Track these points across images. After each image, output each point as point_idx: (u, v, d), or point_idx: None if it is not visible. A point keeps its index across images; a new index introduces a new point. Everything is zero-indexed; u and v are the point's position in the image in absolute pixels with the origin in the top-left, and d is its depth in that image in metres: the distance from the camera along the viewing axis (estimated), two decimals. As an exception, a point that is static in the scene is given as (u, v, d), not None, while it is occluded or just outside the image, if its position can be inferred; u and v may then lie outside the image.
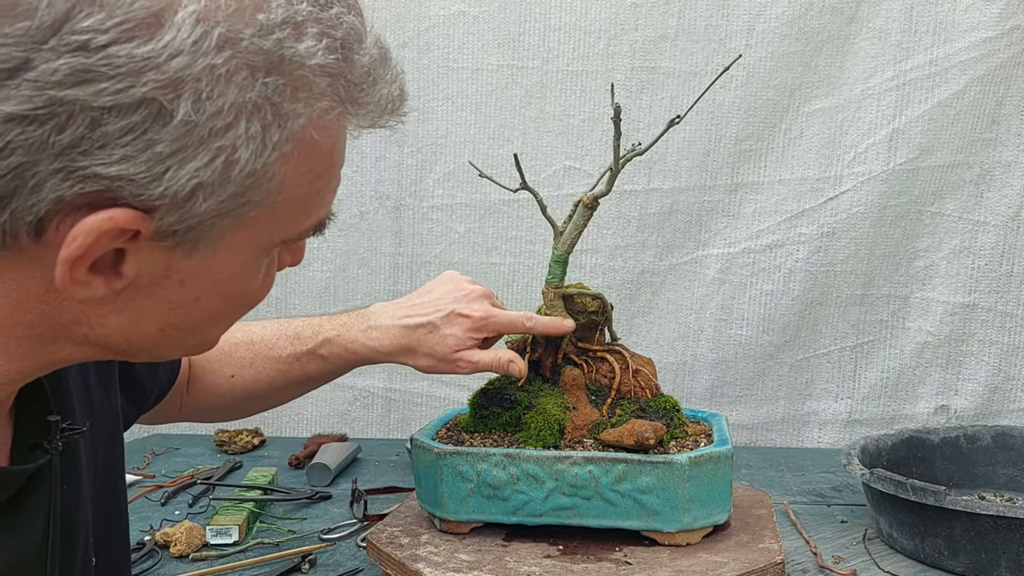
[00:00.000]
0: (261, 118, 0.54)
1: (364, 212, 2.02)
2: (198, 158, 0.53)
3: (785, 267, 1.95)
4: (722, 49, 1.91)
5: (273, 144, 0.55)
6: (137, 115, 0.51)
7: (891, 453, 1.51)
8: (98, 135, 0.51)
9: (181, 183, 0.53)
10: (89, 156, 0.51)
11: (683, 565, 1.04)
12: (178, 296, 0.59)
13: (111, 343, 0.61)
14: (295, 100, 0.56)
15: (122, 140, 0.51)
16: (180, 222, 0.55)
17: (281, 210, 0.59)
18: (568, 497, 1.09)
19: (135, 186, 0.52)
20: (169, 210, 0.54)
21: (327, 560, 1.31)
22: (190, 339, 0.66)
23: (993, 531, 1.19)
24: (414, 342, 1.14)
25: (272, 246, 0.63)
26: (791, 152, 1.94)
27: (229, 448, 1.88)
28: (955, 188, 1.91)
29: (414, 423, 2.01)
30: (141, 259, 0.56)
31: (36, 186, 0.51)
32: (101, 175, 0.51)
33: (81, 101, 0.50)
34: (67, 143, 0.50)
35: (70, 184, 0.51)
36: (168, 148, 0.52)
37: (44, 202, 0.52)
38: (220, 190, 0.55)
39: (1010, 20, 1.83)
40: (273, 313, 2.04)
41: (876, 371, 1.97)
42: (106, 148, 0.51)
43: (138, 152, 0.51)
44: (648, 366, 1.24)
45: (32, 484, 0.67)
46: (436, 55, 1.97)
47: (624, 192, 1.94)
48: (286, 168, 0.57)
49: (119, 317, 0.59)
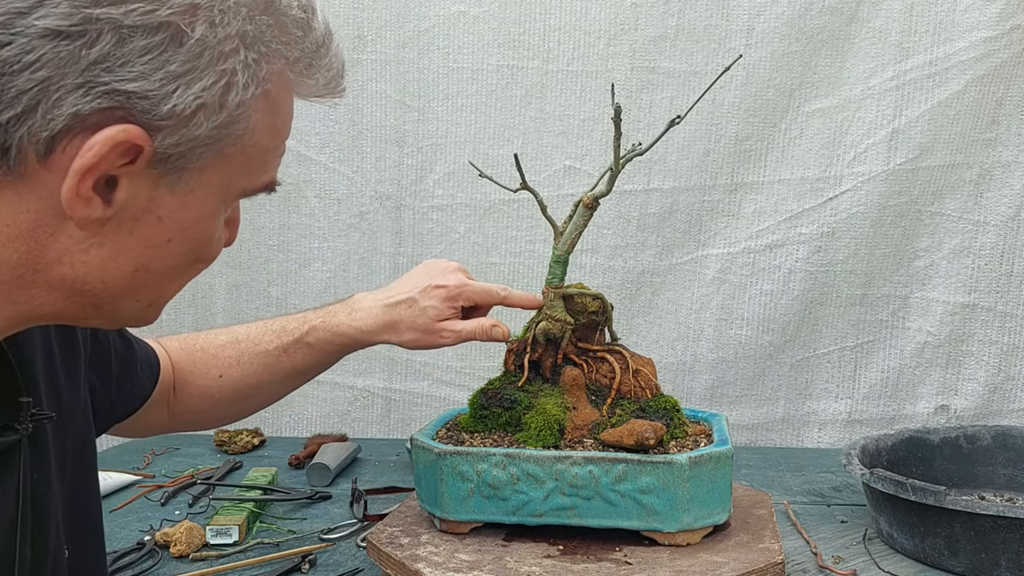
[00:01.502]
0: (256, 49, 0.61)
1: (364, 212, 2.02)
2: (205, 78, 0.59)
3: (785, 267, 1.95)
4: (722, 49, 1.91)
5: (261, 77, 0.62)
6: (158, 36, 0.57)
7: (891, 453, 1.51)
8: (122, 52, 0.56)
9: (187, 101, 0.58)
10: (111, 72, 0.56)
11: (683, 565, 1.04)
12: (155, 234, 0.64)
13: (86, 285, 0.63)
14: (278, 41, 0.63)
15: (142, 58, 0.57)
16: (176, 146, 0.60)
17: (248, 156, 0.65)
18: (568, 497, 1.09)
19: (147, 103, 0.57)
20: (171, 131, 0.59)
21: (327, 560, 1.31)
22: (151, 292, 0.68)
23: (993, 531, 1.19)
24: (396, 318, 1.18)
25: (234, 196, 0.68)
26: (791, 152, 1.94)
27: (229, 448, 1.88)
28: (955, 188, 1.91)
29: (414, 423, 2.01)
30: (132, 188, 0.60)
31: (58, 100, 0.56)
32: (119, 90, 0.56)
33: (112, 19, 0.55)
34: (94, 58, 0.55)
35: (89, 99, 0.56)
36: (180, 68, 0.58)
37: (61, 117, 0.56)
38: (216, 115, 0.60)
39: (1010, 20, 1.83)
40: (273, 313, 2.04)
41: (876, 371, 1.97)
42: (127, 65, 0.56)
43: (154, 70, 0.57)
44: (648, 366, 1.24)
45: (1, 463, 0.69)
46: (436, 55, 1.97)
47: (624, 192, 1.94)
48: (260, 112, 0.64)
49: (100, 252, 0.62)
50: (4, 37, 0.54)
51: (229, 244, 0.75)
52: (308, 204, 2.01)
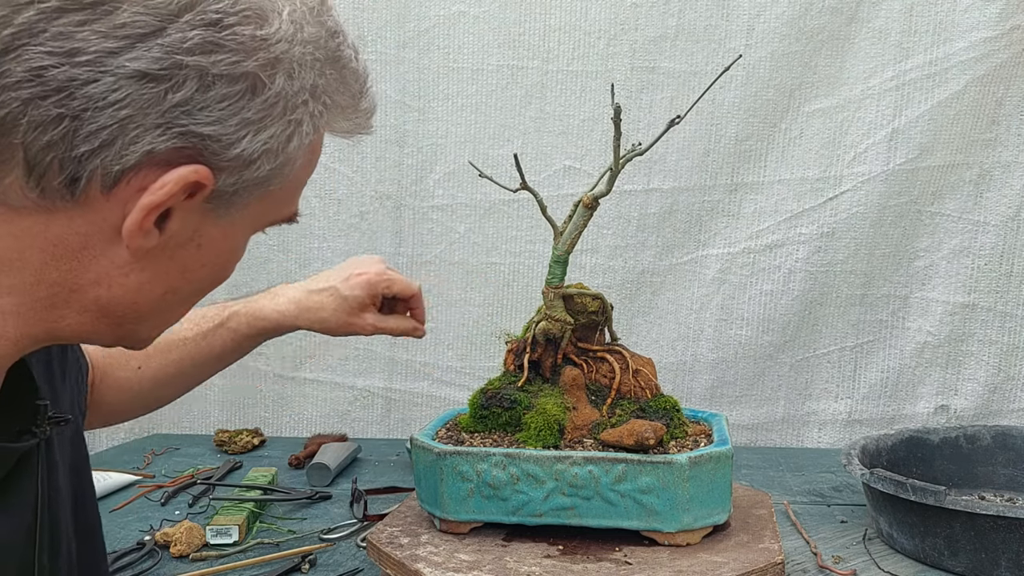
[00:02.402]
0: (323, 101, 0.65)
1: (364, 212, 2.02)
2: (274, 127, 0.62)
3: (785, 267, 1.95)
4: (722, 49, 1.91)
5: (321, 126, 0.66)
6: (239, 85, 0.59)
7: (891, 453, 1.51)
8: (204, 98, 0.58)
9: (255, 147, 0.61)
10: (190, 116, 0.58)
11: (683, 565, 1.04)
12: (192, 260, 0.66)
13: (118, 307, 0.65)
14: (339, 93, 0.66)
15: (220, 104, 0.59)
16: (234, 185, 0.62)
17: (284, 192, 0.68)
18: (568, 497, 1.09)
19: (218, 145, 0.60)
20: (233, 171, 0.61)
21: (327, 560, 1.31)
22: (169, 315, 0.70)
23: (993, 531, 1.19)
24: (317, 304, 1.20)
25: (263, 226, 0.70)
26: (791, 152, 1.94)
27: (229, 448, 1.88)
28: (955, 188, 1.91)
29: (414, 423, 2.01)
30: (182, 220, 0.62)
31: (135, 138, 0.57)
32: (194, 132, 0.59)
33: (200, 67, 0.58)
34: (176, 101, 0.58)
35: (166, 139, 0.58)
36: (255, 115, 0.60)
37: (136, 154, 0.58)
38: (276, 159, 0.63)
39: (1010, 20, 1.83)
40: (273, 313, 2.04)
41: (876, 371, 1.97)
42: (206, 110, 0.59)
43: (230, 116, 0.59)
44: (648, 366, 1.24)
45: (20, 468, 0.68)
46: (436, 55, 1.97)
47: (624, 192, 1.94)
48: (304, 154, 0.66)
49: (140, 276, 0.64)
50: (92, 74, 0.55)
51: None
52: (308, 204, 2.01)
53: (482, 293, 2.02)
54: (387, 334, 1.24)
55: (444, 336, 2.04)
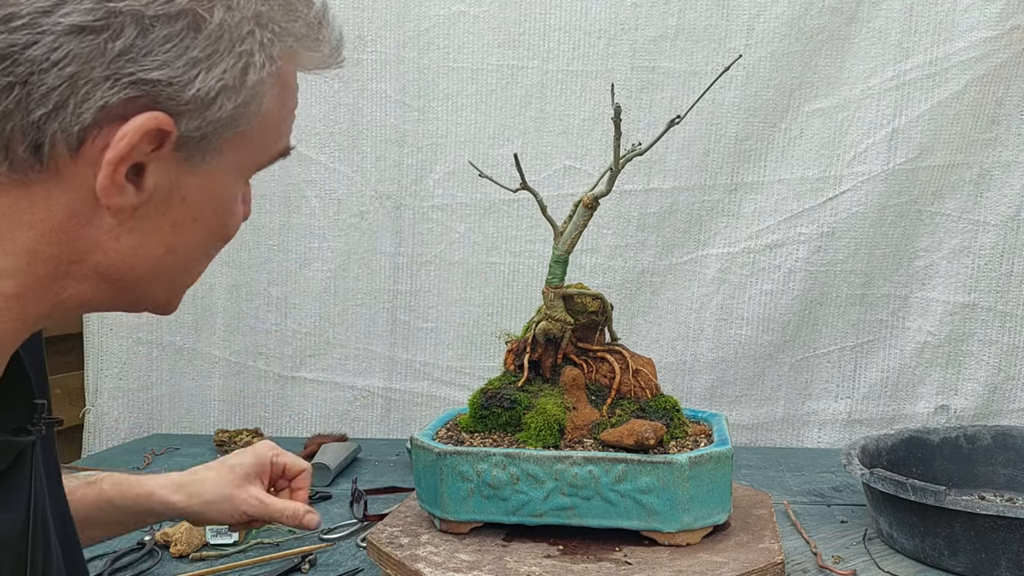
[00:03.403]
0: (270, 29, 0.64)
1: (364, 212, 2.02)
2: (225, 62, 0.61)
3: (785, 267, 1.95)
4: (722, 49, 1.91)
5: (275, 56, 0.64)
6: (178, 24, 0.59)
7: (891, 453, 1.51)
8: (145, 43, 0.58)
9: (210, 85, 0.60)
10: (135, 63, 0.58)
11: (683, 565, 1.04)
12: (181, 215, 0.65)
13: (117, 271, 0.65)
14: (288, 19, 0.65)
15: (164, 47, 0.58)
16: (198, 129, 0.62)
17: (261, 131, 0.67)
18: (568, 497, 1.09)
19: (172, 89, 0.59)
20: (194, 115, 0.61)
21: (327, 560, 1.31)
22: (179, 277, 0.70)
23: (993, 531, 1.19)
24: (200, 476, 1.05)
25: (251, 170, 0.70)
26: (791, 152, 1.94)
27: (229, 448, 1.88)
28: (955, 188, 1.91)
29: (414, 423, 2.01)
30: (158, 173, 0.62)
31: (86, 94, 0.57)
32: (144, 79, 0.58)
33: (134, 11, 0.57)
34: (119, 50, 0.57)
35: (116, 91, 0.58)
36: (201, 53, 0.60)
37: (91, 110, 0.58)
38: (236, 96, 0.62)
39: (1010, 20, 1.83)
40: (274, 313, 2.04)
41: (876, 371, 1.97)
42: (150, 55, 0.58)
43: (176, 57, 0.59)
44: (648, 366, 1.24)
45: (16, 464, 0.68)
46: (436, 55, 1.97)
47: (624, 192, 1.94)
48: (272, 89, 0.66)
49: (131, 238, 0.64)
50: (31, 37, 0.55)
51: (246, 218, 0.76)
52: (308, 204, 2.01)
53: (482, 293, 2.02)
54: (273, 520, 1.05)
55: (444, 336, 2.04)
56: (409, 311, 2.05)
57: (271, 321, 2.05)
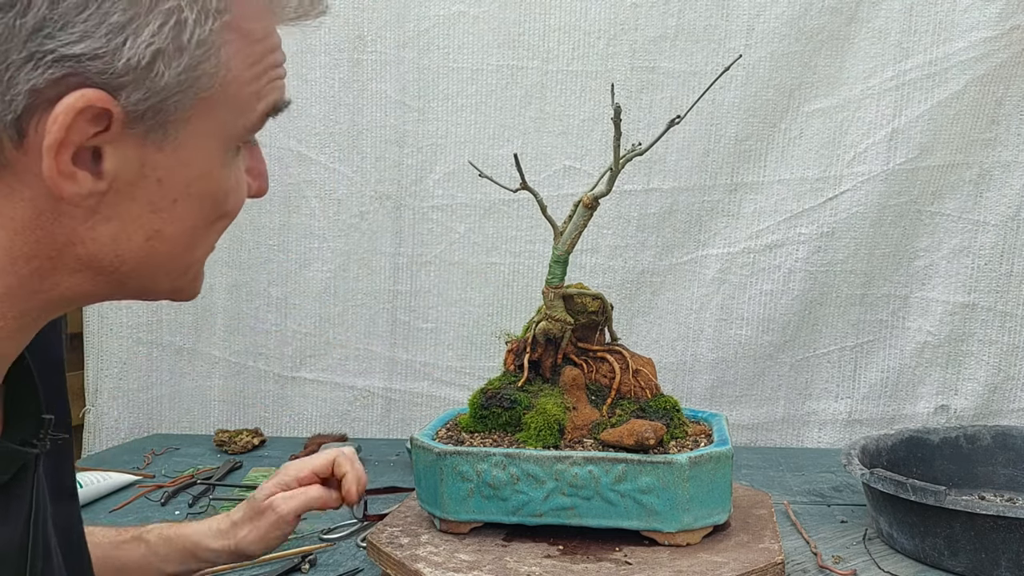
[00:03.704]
0: None
1: (364, 212, 2.02)
2: (151, 24, 0.56)
3: (785, 267, 1.95)
4: (722, 49, 1.91)
5: (214, 8, 0.59)
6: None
7: (891, 453, 1.51)
8: (58, 14, 0.54)
9: (140, 50, 0.56)
10: (53, 39, 0.54)
11: (683, 565, 1.04)
12: (158, 197, 0.61)
13: (103, 262, 0.62)
14: None
15: (80, 16, 0.54)
16: (144, 100, 0.57)
17: (231, 93, 0.62)
18: (568, 497, 1.09)
19: (100, 62, 0.55)
20: (134, 86, 0.57)
21: (327, 560, 1.31)
22: (177, 261, 0.66)
23: (993, 531, 1.19)
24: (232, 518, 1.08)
25: (234, 138, 0.65)
26: (791, 152, 1.94)
27: (229, 448, 1.88)
28: (955, 188, 1.91)
29: (414, 423, 2.01)
30: (118, 156, 0.59)
31: (11, 80, 0.54)
32: (66, 55, 0.54)
33: None
34: (32, 27, 0.53)
35: (40, 71, 0.54)
36: (122, 17, 0.55)
37: (20, 96, 0.55)
38: (176, 58, 0.57)
39: (1010, 20, 1.83)
40: (274, 313, 2.04)
41: (876, 371, 1.97)
42: (67, 27, 0.54)
43: (96, 26, 0.54)
44: (648, 366, 1.24)
45: (17, 478, 0.67)
46: (436, 55, 1.97)
47: (624, 192, 1.94)
48: (229, 46, 0.60)
49: (108, 227, 0.61)
50: None
51: (259, 195, 0.73)
52: (308, 204, 2.01)
53: (482, 293, 2.02)
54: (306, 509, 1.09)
55: (444, 336, 2.04)
56: (409, 311, 2.05)
57: (271, 321, 2.05)
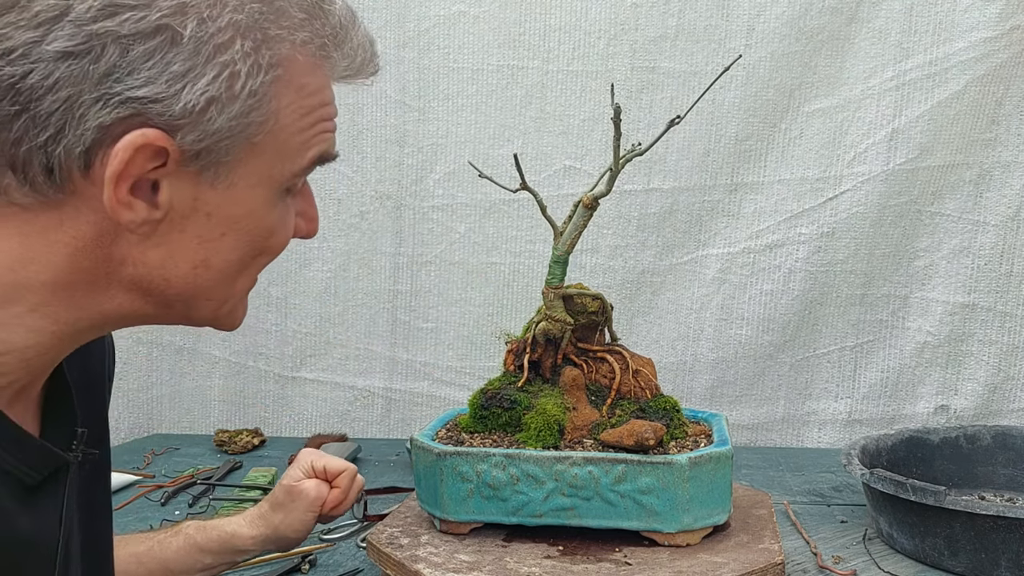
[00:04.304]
0: (253, 37, 0.64)
1: (364, 212, 2.02)
2: (207, 75, 0.62)
3: (785, 267, 1.95)
4: (722, 49, 1.91)
5: (266, 64, 0.65)
6: (155, 40, 0.61)
7: (891, 453, 1.51)
8: (127, 62, 0.61)
9: (196, 97, 0.62)
10: (121, 83, 0.61)
11: (683, 566, 1.04)
12: (206, 230, 0.67)
13: (152, 284, 0.68)
14: (278, 26, 0.66)
15: (146, 64, 0.61)
16: (199, 141, 0.64)
17: (281, 140, 0.68)
18: (568, 498, 1.09)
19: (160, 105, 0.62)
20: (189, 127, 0.63)
21: (327, 560, 1.31)
22: (219, 291, 0.72)
23: (993, 531, 1.19)
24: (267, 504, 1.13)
25: (281, 182, 0.70)
26: (791, 152, 1.94)
27: (229, 448, 1.88)
28: (955, 188, 1.91)
29: (414, 423, 2.01)
30: (173, 189, 0.65)
31: (82, 116, 0.61)
32: (132, 98, 0.61)
33: (111, 31, 0.60)
34: (103, 71, 0.60)
35: (108, 110, 0.61)
36: (182, 67, 0.62)
37: (89, 131, 0.61)
38: (229, 106, 0.64)
39: (1010, 20, 1.83)
40: (274, 313, 2.04)
41: (876, 371, 1.97)
42: (134, 73, 0.61)
43: (159, 74, 0.61)
44: (648, 366, 1.24)
45: (50, 480, 0.70)
46: (436, 55, 1.97)
47: (624, 192, 1.94)
48: (280, 97, 0.67)
49: (158, 252, 0.67)
50: (26, 66, 0.60)
51: (308, 236, 0.80)
52: (308, 204, 2.01)
53: (482, 293, 2.02)
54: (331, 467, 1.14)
55: (444, 336, 2.04)
56: (409, 311, 2.05)
57: (271, 321, 2.05)
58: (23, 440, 0.67)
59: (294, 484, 1.11)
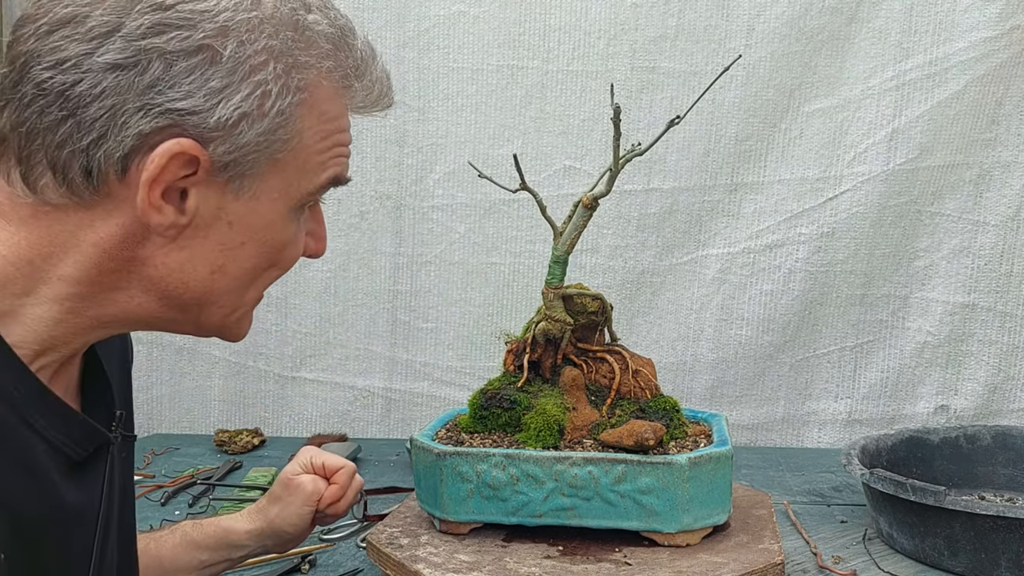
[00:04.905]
0: (284, 62, 0.70)
1: (364, 212, 2.02)
2: (242, 92, 0.68)
3: (785, 267, 1.95)
4: (722, 49, 1.90)
5: (294, 87, 0.70)
6: (197, 58, 0.66)
7: (891, 453, 1.51)
8: (170, 76, 0.66)
9: (230, 111, 0.67)
10: (163, 94, 0.66)
11: (683, 566, 1.04)
12: (227, 238, 0.72)
13: (170, 285, 0.72)
14: (307, 54, 0.71)
15: (187, 79, 0.66)
16: (229, 153, 0.68)
17: (301, 159, 0.73)
18: (568, 498, 1.09)
19: (196, 117, 0.67)
20: (222, 140, 0.68)
21: (327, 560, 1.31)
22: (231, 299, 0.76)
23: (993, 531, 1.19)
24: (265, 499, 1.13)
25: (298, 198, 0.75)
26: (791, 152, 1.94)
27: (229, 448, 1.88)
28: (955, 188, 1.91)
29: (414, 423, 2.01)
30: (201, 196, 0.69)
31: (124, 124, 0.66)
32: (171, 109, 0.66)
33: (157, 47, 0.65)
34: (147, 83, 0.65)
35: (149, 120, 0.66)
36: (220, 83, 0.67)
37: (129, 138, 0.66)
38: (258, 122, 0.69)
39: (1010, 20, 1.83)
40: (274, 313, 2.04)
41: (876, 371, 1.97)
42: (175, 87, 0.66)
43: (198, 88, 0.66)
44: (648, 366, 1.24)
45: (94, 457, 0.75)
46: (436, 55, 1.97)
47: (624, 192, 1.94)
48: (304, 119, 0.72)
49: (180, 255, 0.71)
50: (77, 75, 0.65)
51: (316, 255, 0.84)
52: (308, 204, 2.01)
53: (482, 293, 2.02)
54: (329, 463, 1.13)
55: (444, 336, 2.04)
56: (409, 311, 2.05)
57: (271, 321, 2.05)
58: (69, 416, 0.72)
59: (291, 478, 1.11)
